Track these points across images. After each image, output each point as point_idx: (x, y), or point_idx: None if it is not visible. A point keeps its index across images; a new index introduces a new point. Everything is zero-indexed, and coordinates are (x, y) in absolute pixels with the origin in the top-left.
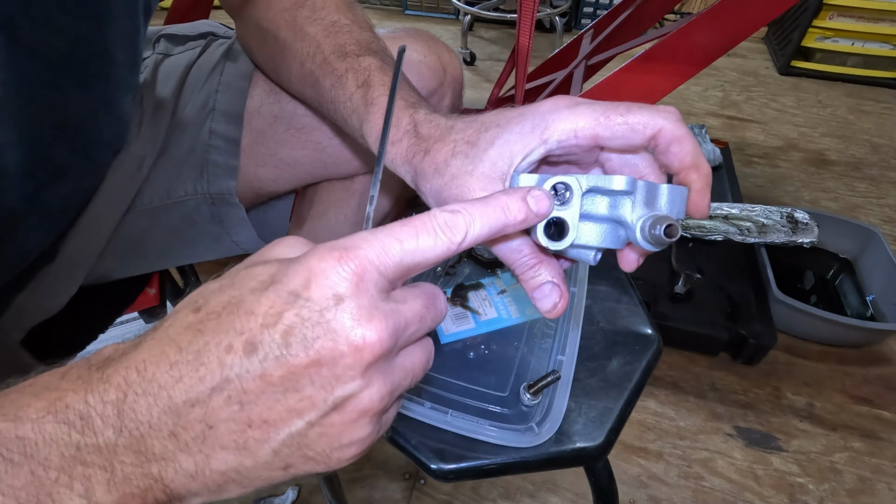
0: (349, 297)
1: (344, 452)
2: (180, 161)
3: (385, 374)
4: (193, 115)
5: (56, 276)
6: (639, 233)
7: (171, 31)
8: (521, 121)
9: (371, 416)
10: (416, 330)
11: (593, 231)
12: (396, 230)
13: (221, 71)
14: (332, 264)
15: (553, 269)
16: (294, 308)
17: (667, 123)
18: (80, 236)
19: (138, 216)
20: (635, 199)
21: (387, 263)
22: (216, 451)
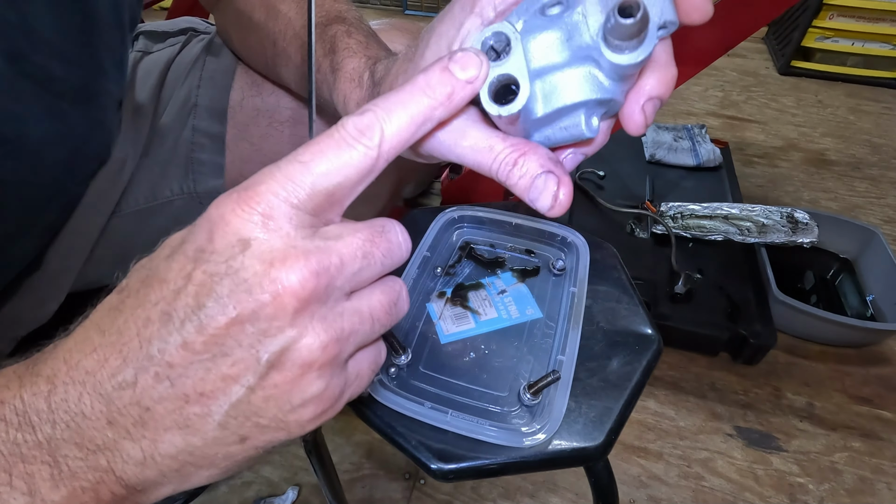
0: (256, 238)
1: (300, 414)
2: (165, 161)
3: (325, 320)
4: (175, 112)
5: (42, 284)
6: (602, 44)
7: (149, 28)
8: (450, 8)
9: (318, 368)
10: (361, 267)
11: (566, 83)
12: (300, 153)
13: (202, 66)
14: (231, 207)
15: (541, 156)
16: (201, 265)
17: None
18: (64, 243)
19: (124, 219)
20: (586, 10)
21: (297, 193)
22: (160, 434)
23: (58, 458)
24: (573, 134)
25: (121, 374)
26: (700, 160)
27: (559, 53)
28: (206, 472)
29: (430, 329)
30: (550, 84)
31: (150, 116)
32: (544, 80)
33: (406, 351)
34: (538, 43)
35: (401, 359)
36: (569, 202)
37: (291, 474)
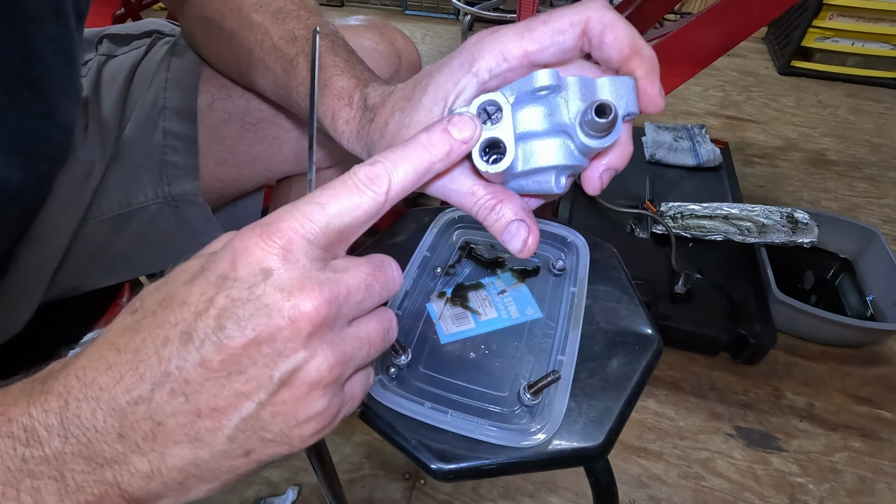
0: (276, 269)
1: (303, 429)
2: (136, 165)
3: (332, 344)
4: (144, 116)
5: (10, 293)
6: (577, 128)
7: (113, 31)
8: (450, 61)
9: (323, 387)
10: (363, 298)
11: (543, 149)
12: (317, 195)
13: (167, 68)
14: (255, 241)
15: (515, 205)
16: (224, 290)
17: (592, 12)
18: (31, 251)
19: (97, 226)
20: (568, 96)
21: (313, 231)
22: (169, 448)
23: (65, 472)
24: (543, 188)
25: (136, 390)
26: (700, 160)
27: (540, 124)
28: (207, 485)
29: (430, 329)
30: (530, 147)
31: (117, 121)
32: (526, 143)
33: (406, 351)
34: (524, 114)
35: (401, 359)
36: (536, 247)
37: (291, 474)
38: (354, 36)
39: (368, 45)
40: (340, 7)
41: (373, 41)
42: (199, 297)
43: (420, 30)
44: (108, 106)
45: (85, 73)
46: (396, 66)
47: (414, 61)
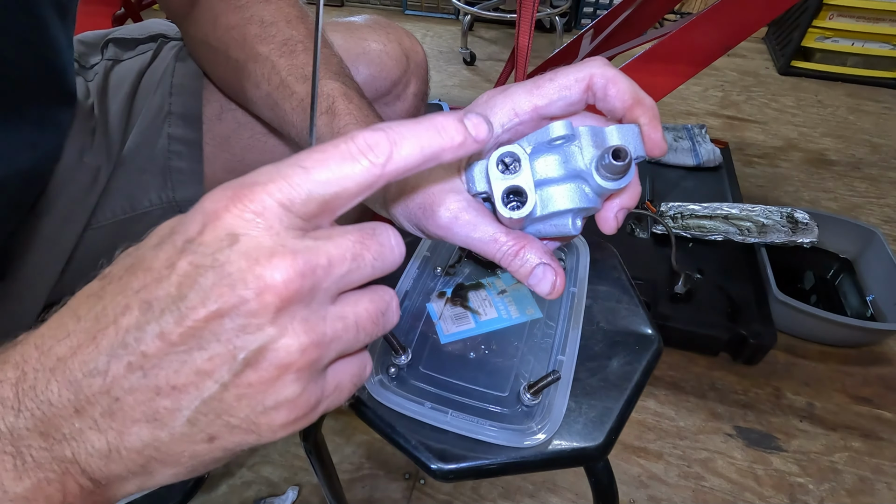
0: (245, 234)
1: (272, 417)
2: (141, 170)
3: (307, 322)
4: (149, 121)
5: (14, 297)
6: (594, 172)
7: (119, 35)
8: None
9: (295, 371)
10: (349, 269)
11: (559, 194)
12: (303, 157)
13: (172, 73)
14: (226, 203)
15: (538, 249)
16: (187, 255)
17: (595, 69)
18: (36, 256)
19: (101, 231)
20: (581, 144)
21: (292, 196)
22: (127, 426)
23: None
24: (561, 231)
25: (93, 362)
26: (700, 160)
27: (557, 171)
28: (170, 469)
29: (430, 329)
30: (548, 193)
31: (123, 126)
32: (543, 189)
33: (406, 351)
34: (541, 162)
35: (401, 359)
36: (563, 288)
37: (291, 474)
38: (360, 37)
39: (376, 48)
40: (340, 7)
41: (380, 42)
42: (163, 262)
43: (420, 30)
44: (115, 111)
45: (91, 77)
46: (405, 67)
47: (421, 61)
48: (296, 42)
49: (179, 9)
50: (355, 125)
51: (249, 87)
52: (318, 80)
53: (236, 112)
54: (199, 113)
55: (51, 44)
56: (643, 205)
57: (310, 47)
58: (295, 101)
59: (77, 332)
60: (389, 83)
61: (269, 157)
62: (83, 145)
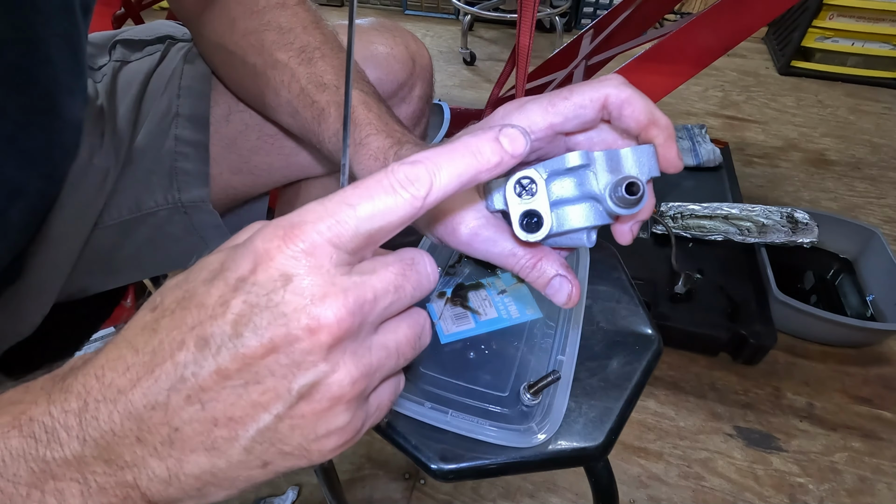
0: (298, 275)
1: (323, 444)
2: (148, 171)
3: (356, 356)
4: (157, 122)
5: (24, 297)
6: (608, 200)
7: (127, 37)
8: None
9: (346, 402)
10: (392, 301)
11: (574, 213)
12: (348, 194)
13: (180, 75)
14: (278, 244)
15: (554, 261)
16: (241, 294)
17: (611, 89)
18: (46, 254)
19: (108, 230)
20: (596, 170)
21: (341, 234)
22: (186, 454)
23: (86, 474)
24: (576, 244)
25: (153, 395)
26: (700, 160)
27: (572, 192)
28: (224, 492)
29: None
30: (563, 211)
31: (130, 128)
32: (558, 208)
33: None
34: (557, 184)
35: None
36: (579, 298)
37: (291, 474)
38: (366, 40)
39: (383, 51)
40: (340, 7)
41: (386, 46)
42: (216, 299)
43: (420, 30)
44: (123, 113)
45: (100, 78)
46: (411, 70)
47: (426, 64)
48: (313, 49)
49: (193, 8)
50: (376, 135)
51: (269, 93)
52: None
53: (244, 114)
54: (207, 115)
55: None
56: None
57: (326, 53)
58: (316, 109)
59: (136, 365)
60: (395, 86)
61: (275, 158)
62: (93, 146)
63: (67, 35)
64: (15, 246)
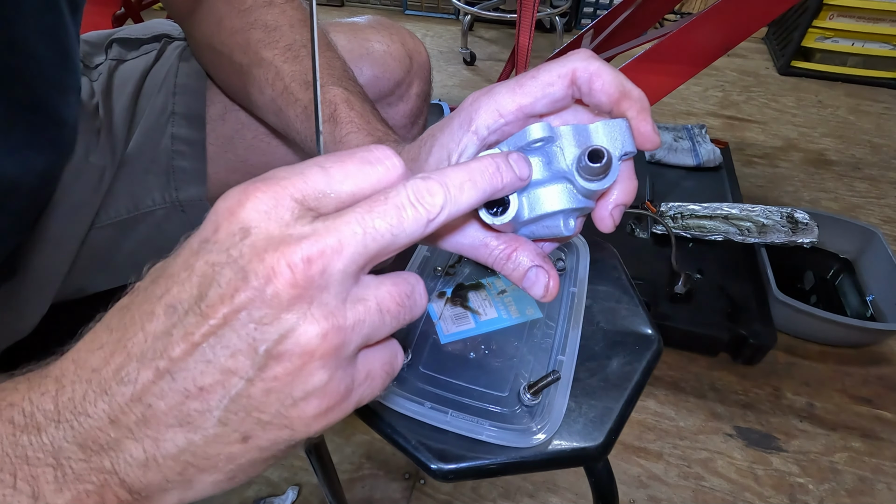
0: (257, 228)
1: (302, 409)
2: (144, 170)
3: (324, 306)
4: (153, 121)
5: (22, 297)
6: (576, 174)
7: (123, 35)
8: (450, 122)
9: (320, 358)
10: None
11: (547, 196)
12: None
13: (176, 73)
14: (238, 198)
15: (530, 252)
16: (203, 255)
17: (578, 63)
18: (43, 254)
19: (105, 230)
20: (562, 145)
21: (305, 190)
22: (161, 433)
23: (61, 459)
24: (554, 232)
25: (124, 370)
26: (700, 160)
27: (541, 173)
28: (209, 476)
29: (430, 329)
30: (535, 195)
31: (126, 126)
32: (529, 192)
33: (406, 351)
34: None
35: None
36: (557, 290)
37: (291, 474)
38: (363, 38)
39: (380, 48)
40: (340, 7)
41: (383, 43)
42: (181, 265)
43: (420, 30)
44: (119, 111)
45: (96, 77)
46: (408, 67)
47: (424, 61)
48: (299, 47)
49: (182, 8)
50: (357, 133)
51: (254, 91)
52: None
53: (239, 113)
54: (203, 113)
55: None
56: (643, 205)
57: None
58: (299, 107)
59: (109, 343)
60: (393, 83)
61: (272, 157)
62: (88, 145)
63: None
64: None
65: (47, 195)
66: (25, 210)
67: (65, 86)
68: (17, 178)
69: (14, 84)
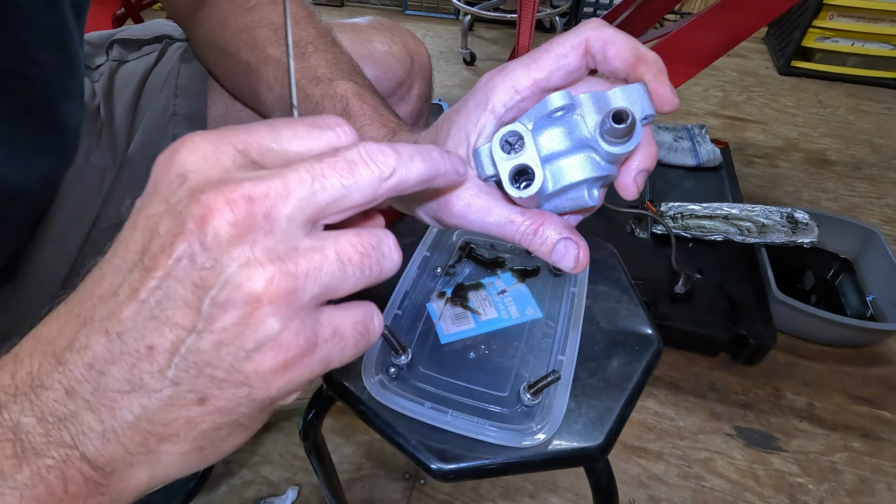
0: (194, 172)
1: (258, 362)
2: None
3: (271, 250)
4: (154, 122)
5: (22, 298)
6: (599, 139)
7: (124, 36)
8: (466, 103)
9: (269, 304)
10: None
11: (570, 166)
12: (270, 120)
13: (178, 74)
14: (177, 146)
15: (557, 224)
16: (145, 209)
17: (590, 32)
18: (44, 255)
19: (106, 231)
20: (584, 112)
21: (249, 142)
22: (117, 400)
23: (21, 434)
24: (578, 204)
25: (76, 338)
26: (700, 160)
27: (563, 143)
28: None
29: (430, 329)
30: (557, 167)
31: (128, 127)
32: (552, 164)
33: (406, 351)
34: (546, 136)
35: (401, 359)
36: (588, 260)
37: (291, 474)
38: (365, 38)
39: (381, 49)
40: (340, 7)
41: (385, 44)
42: (128, 226)
43: (420, 30)
44: (120, 113)
45: (97, 78)
46: (409, 68)
47: (425, 62)
48: (306, 44)
49: (185, 9)
50: (371, 125)
51: (262, 89)
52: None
53: (241, 113)
54: (204, 114)
55: (71, 44)
56: (643, 205)
57: (321, 47)
58: (310, 103)
59: (63, 312)
60: (394, 84)
61: None
62: (90, 146)
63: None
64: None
65: (49, 199)
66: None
67: (68, 91)
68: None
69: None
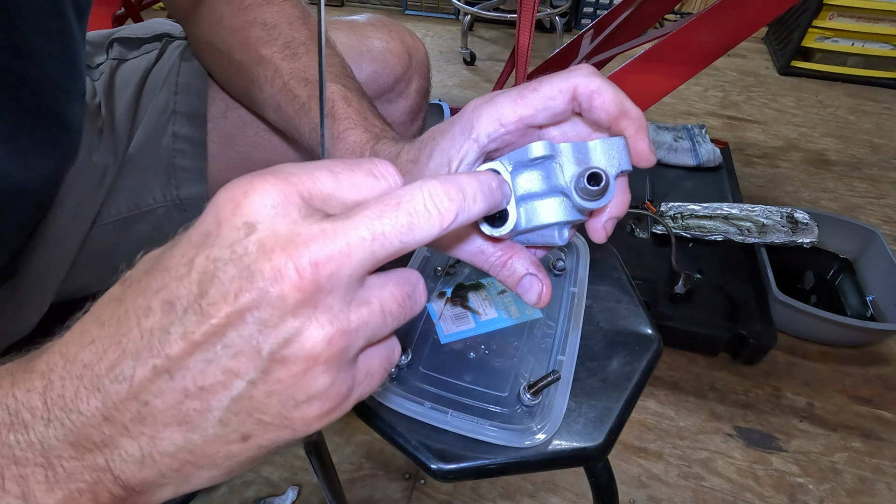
0: (262, 223)
1: (305, 411)
2: (146, 168)
3: (330, 310)
4: (154, 120)
5: (22, 296)
6: (573, 193)
7: (124, 35)
8: (451, 127)
9: (324, 362)
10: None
11: (544, 208)
12: (329, 163)
13: (177, 72)
14: (244, 190)
15: (525, 259)
16: (205, 250)
17: (580, 79)
18: (44, 252)
19: (106, 228)
20: (562, 162)
21: (313, 189)
22: (159, 431)
23: (52, 459)
24: (547, 241)
25: (119, 367)
26: (700, 160)
27: (539, 186)
28: (206, 472)
29: (430, 329)
30: (532, 206)
31: (128, 125)
32: (527, 203)
33: (406, 351)
34: (524, 178)
35: (401, 359)
36: (549, 298)
37: (291, 474)
38: (363, 35)
39: (379, 45)
40: (340, 7)
41: (383, 40)
42: (179, 259)
43: (420, 30)
44: (121, 110)
45: (97, 76)
46: (407, 64)
47: (423, 58)
48: (298, 44)
49: (183, 8)
50: (354, 129)
51: (254, 89)
52: None
53: (241, 111)
54: (204, 112)
55: (73, 46)
56: (643, 205)
57: (312, 49)
58: (297, 104)
59: (101, 337)
60: (392, 80)
61: (273, 155)
62: (91, 144)
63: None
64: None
65: (50, 198)
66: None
67: (70, 91)
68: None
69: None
